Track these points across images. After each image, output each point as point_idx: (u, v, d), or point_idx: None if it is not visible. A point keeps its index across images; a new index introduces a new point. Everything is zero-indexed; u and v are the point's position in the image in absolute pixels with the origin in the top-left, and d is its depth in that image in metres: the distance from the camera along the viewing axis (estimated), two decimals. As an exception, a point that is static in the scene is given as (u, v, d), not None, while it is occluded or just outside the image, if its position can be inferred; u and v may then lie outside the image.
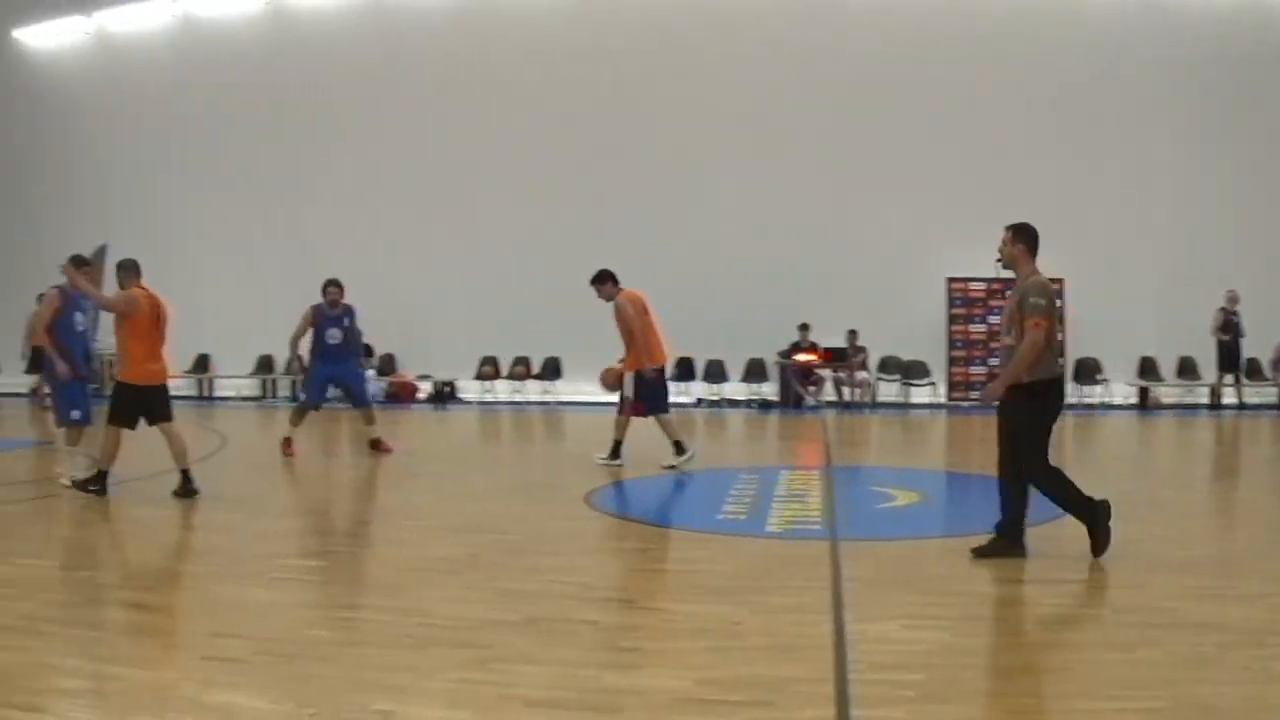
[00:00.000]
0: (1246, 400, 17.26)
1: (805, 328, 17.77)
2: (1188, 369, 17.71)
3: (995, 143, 17.28)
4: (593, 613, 5.49)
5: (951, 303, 17.96)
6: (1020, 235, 6.32)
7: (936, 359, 18.13)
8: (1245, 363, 17.15)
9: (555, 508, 8.53)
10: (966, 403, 17.02)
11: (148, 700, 4.18)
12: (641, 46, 18.46)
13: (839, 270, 17.57)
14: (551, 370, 18.64)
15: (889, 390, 18.41)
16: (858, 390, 17.81)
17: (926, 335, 17.83)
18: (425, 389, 19.09)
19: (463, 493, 9.58)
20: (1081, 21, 17.50)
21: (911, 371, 18.39)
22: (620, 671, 4.55)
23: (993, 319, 16.81)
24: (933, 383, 18.15)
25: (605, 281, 10.19)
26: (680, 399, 16.18)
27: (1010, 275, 6.50)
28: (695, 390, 18.24)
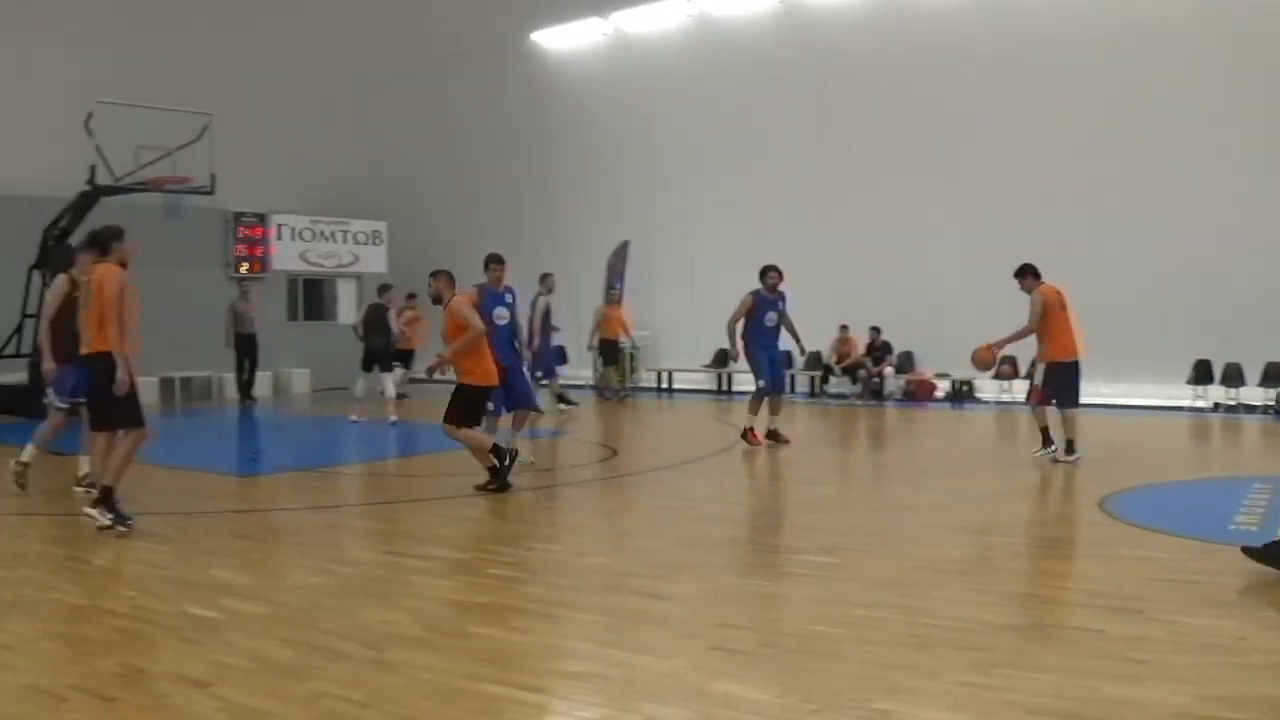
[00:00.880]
0: None
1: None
2: None
3: None
4: (1098, 620, 6.56)
5: None
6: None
7: None
8: None
9: (1066, 511, 10.50)
10: None
11: (651, 687, 5.57)
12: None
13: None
14: None
15: None
16: None
17: None
18: (943, 387, 23.37)
19: (974, 493, 11.66)
20: None
21: None
22: (1121, 683, 5.44)
23: None
24: None
25: (1026, 275, 13.94)
26: (1197, 403, 20.55)
27: None
28: (1212, 394, 20.91)
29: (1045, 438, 13.50)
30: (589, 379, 26.58)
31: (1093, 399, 20.57)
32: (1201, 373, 20.73)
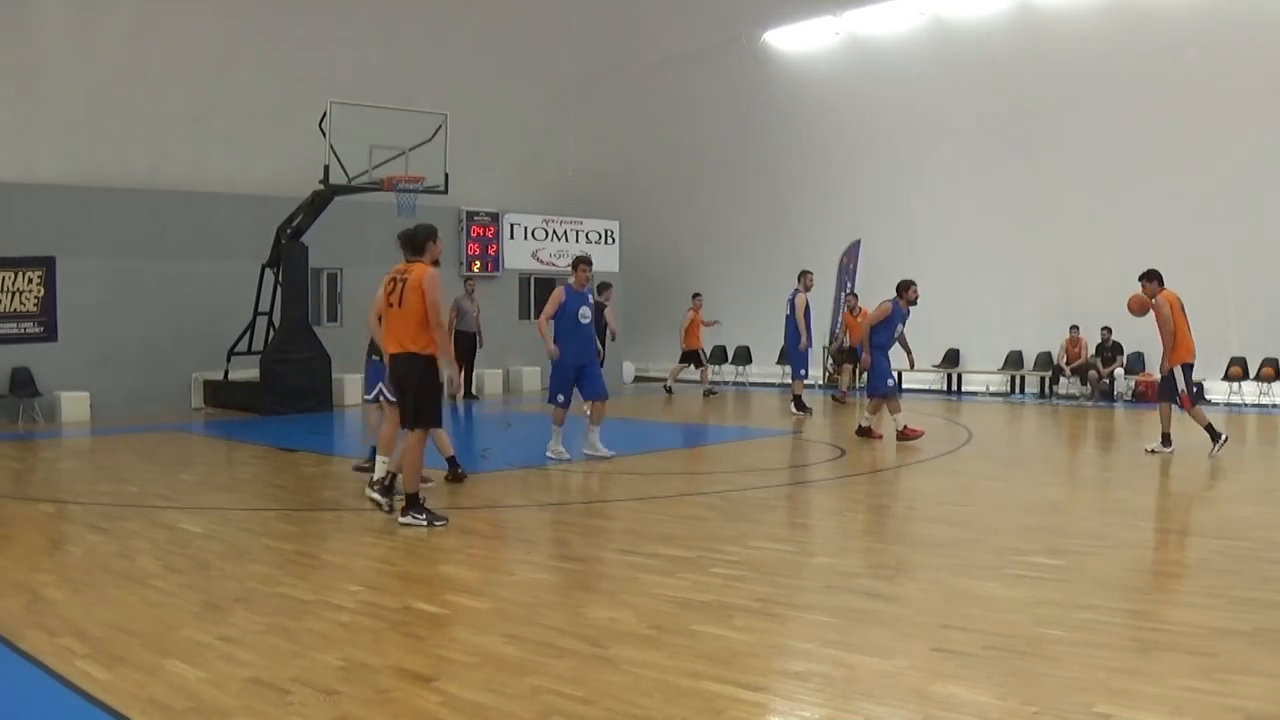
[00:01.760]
0: None
1: None
2: None
3: None
4: None
5: None
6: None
7: None
8: None
9: None
10: None
11: (872, 688, 5.66)
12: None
13: None
14: None
15: None
16: None
17: None
18: None
19: (1204, 496, 11.76)
20: None
21: None
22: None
23: None
24: None
25: (1152, 280, 14.97)
26: None
27: None
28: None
29: (1167, 439, 14.88)
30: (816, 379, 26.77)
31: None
32: None
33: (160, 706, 5.44)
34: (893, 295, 16.64)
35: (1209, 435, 14.55)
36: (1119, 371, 23.44)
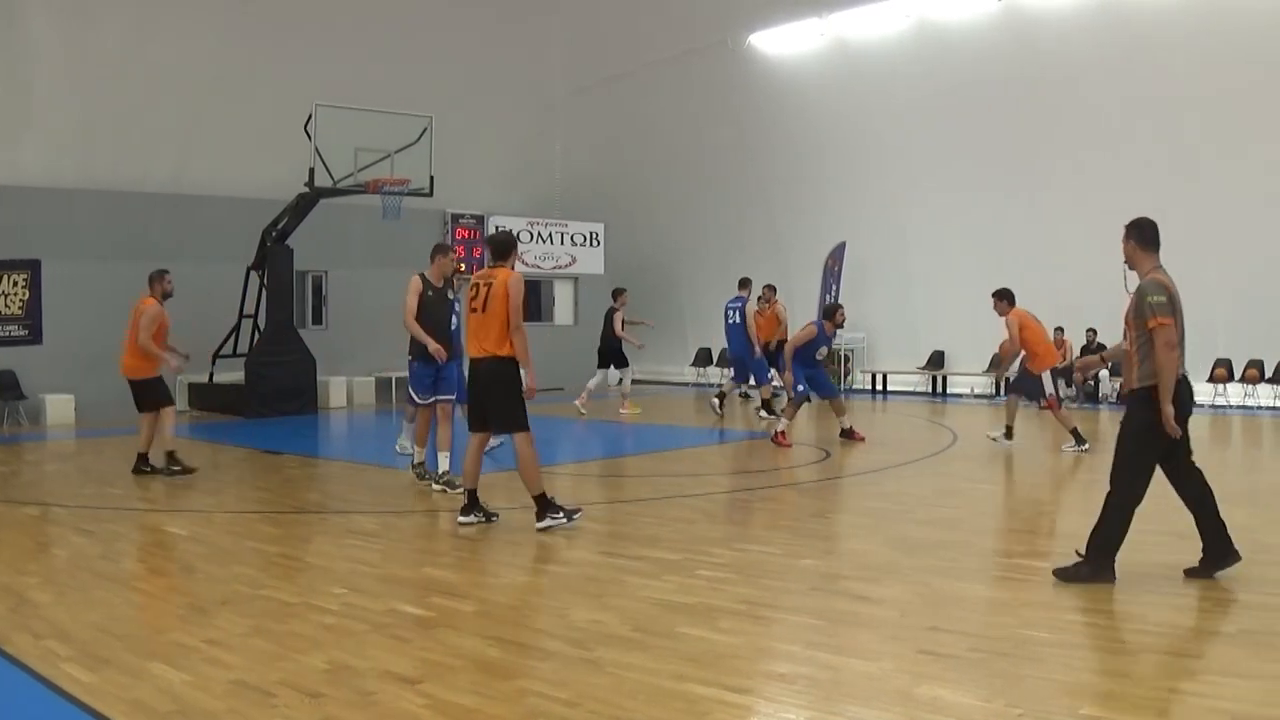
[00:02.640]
0: None
1: None
2: None
3: None
4: None
5: None
6: (1131, 231, 8.40)
7: None
8: None
9: (1278, 516, 10.69)
10: None
11: (858, 690, 5.66)
12: None
13: None
14: None
15: None
16: None
17: None
18: None
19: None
20: None
21: None
22: (1322, 690, 5.35)
23: None
24: None
25: (1001, 299, 16.07)
26: None
27: None
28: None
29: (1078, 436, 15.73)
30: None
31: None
32: None
33: (145, 709, 5.43)
34: (819, 318, 17.19)
35: (1074, 438, 15.71)
36: (1104, 373, 23.49)
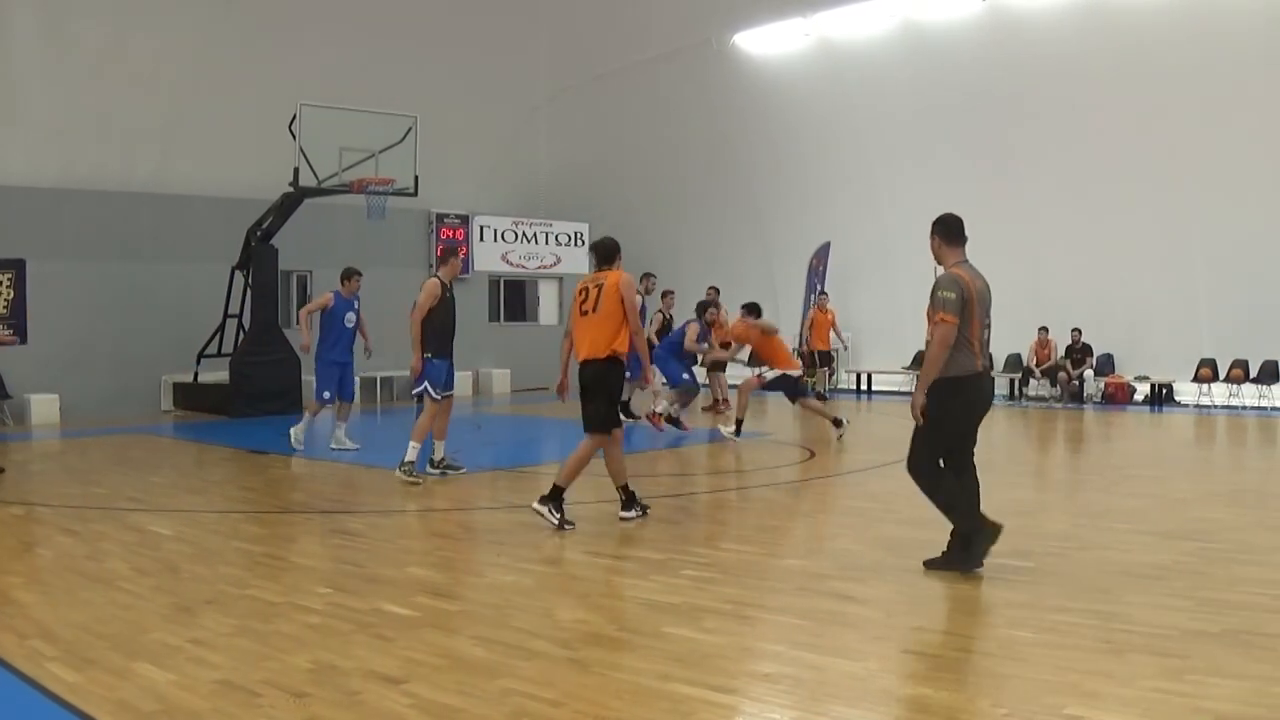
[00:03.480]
0: None
1: None
2: None
3: None
4: None
5: None
6: (936, 227, 8.73)
7: None
8: None
9: (1263, 516, 10.68)
10: None
11: (842, 690, 5.67)
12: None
13: None
14: (1269, 374, 22.30)
15: None
16: None
17: None
18: (1142, 390, 23.99)
19: (1172, 498, 11.80)
20: None
21: None
22: (1312, 691, 5.39)
23: None
24: None
25: (749, 313, 17.13)
26: None
27: None
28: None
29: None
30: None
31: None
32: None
33: (130, 709, 5.41)
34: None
35: (832, 424, 16.83)
36: (1088, 373, 23.63)
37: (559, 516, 10.02)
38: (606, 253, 10.49)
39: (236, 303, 22.34)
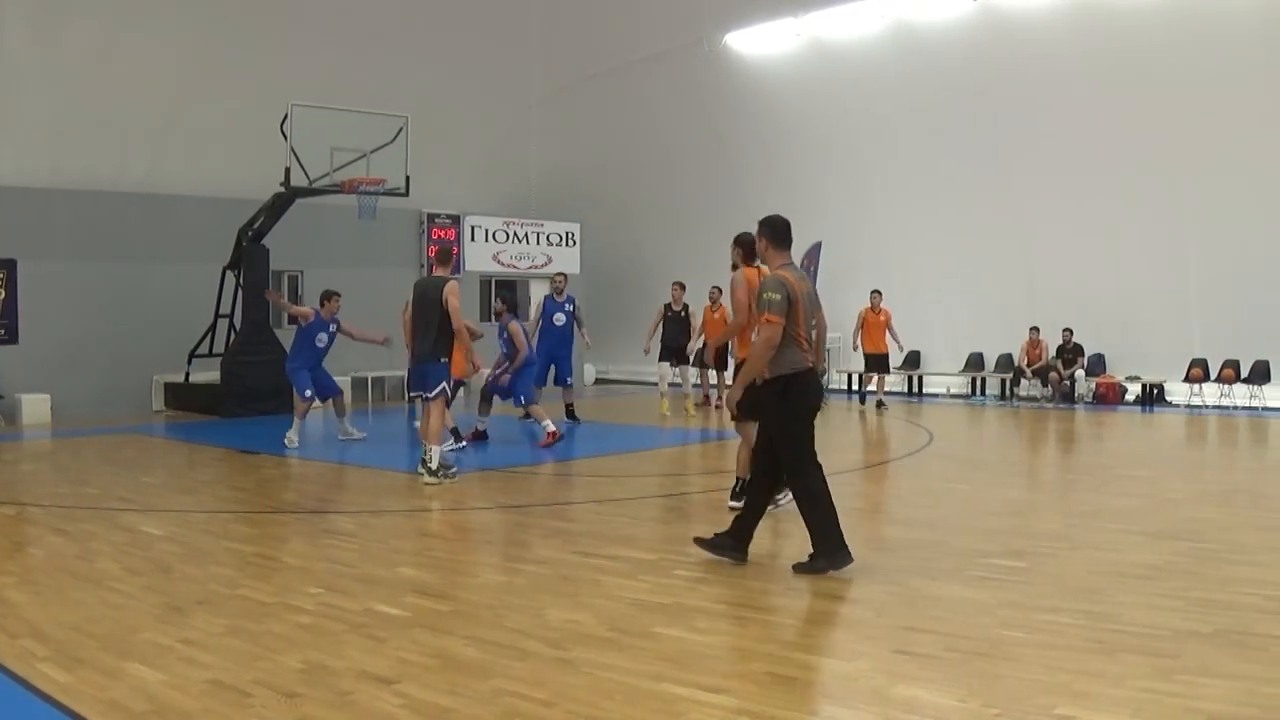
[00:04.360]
0: None
1: None
2: None
3: None
4: None
5: None
6: (763, 229, 9.07)
7: None
8: None
9: (1255, 516, 10.75)
10: None
11: (834, 689, 5.72)
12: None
13: None
14: (1260, 374, 22.13)
15: None
16: None
17: None
18: (1134, 390, 23.76)
19: (1164, 498, 11.79)
20: None
21: None
22: (1302, 691, 5.41)
23: None
24: None
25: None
26: None
27: None
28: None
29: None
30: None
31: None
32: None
33: (121, 709, 5.41)
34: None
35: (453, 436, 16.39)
36: (1079, 373, 23.64)
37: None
38: (750, 249, 10.75)
39: (228, 303, 22.31)
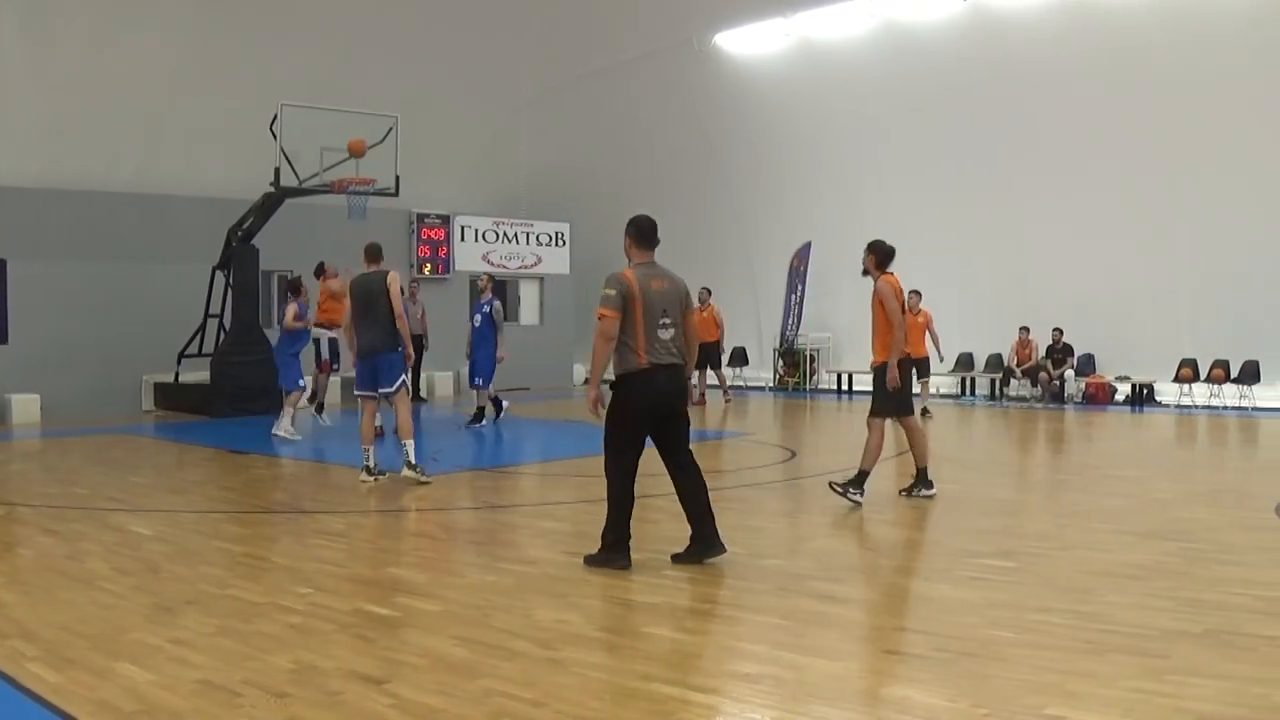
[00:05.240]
0: None
1: None
2: None
3: None
4: (1273, 628, 6.64)
5: None
6: (629, 228, 9.31)
7: None
8: None
9: (1243, 516, 10.71)
10: None
11: (824, 690, 5.66)
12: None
13: None
14: (1250, 374, 22.28)
15: None
16: None
17: None
18: (1123, 391, 23.94)
19: (1153, 498, 11.93)
20: None
21: None
22: (1293, 689, 5.42)
23: None
24: None
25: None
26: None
27: None
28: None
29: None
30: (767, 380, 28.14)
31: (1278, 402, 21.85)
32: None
33: (110, 709, 5.39)
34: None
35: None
36: (1069, 373, 23.68)
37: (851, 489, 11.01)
38: (886, 255, 12.71)
39: (217, 303, 22.27)
